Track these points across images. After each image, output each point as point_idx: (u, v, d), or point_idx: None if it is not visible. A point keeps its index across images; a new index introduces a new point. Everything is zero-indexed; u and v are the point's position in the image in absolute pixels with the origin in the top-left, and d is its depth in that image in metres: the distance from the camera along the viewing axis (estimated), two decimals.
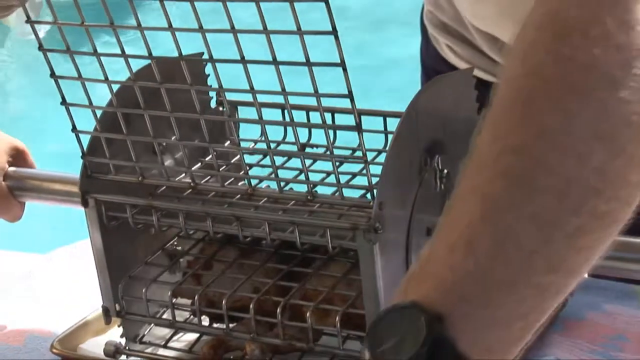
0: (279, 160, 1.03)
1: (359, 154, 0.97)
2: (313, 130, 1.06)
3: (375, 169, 0.94)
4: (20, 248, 1.41)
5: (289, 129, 1.06)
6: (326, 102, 0.92)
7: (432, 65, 1.41)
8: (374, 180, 0.95)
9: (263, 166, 1.08)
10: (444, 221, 0.73)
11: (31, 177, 1.23)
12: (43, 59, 0.98)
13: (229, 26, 0.88)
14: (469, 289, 0.69)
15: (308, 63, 0.86)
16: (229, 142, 1.12)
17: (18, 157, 1.24)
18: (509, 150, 0.71)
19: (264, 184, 1.05)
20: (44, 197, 1.23)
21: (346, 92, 0.87)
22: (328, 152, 0.98)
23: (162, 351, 1.10)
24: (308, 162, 0.99)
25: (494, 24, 1.24)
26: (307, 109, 1.07)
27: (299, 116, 1.01)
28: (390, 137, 0.98)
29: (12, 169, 1.23)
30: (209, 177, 1.07)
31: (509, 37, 0.73)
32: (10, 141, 1.25)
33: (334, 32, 0.84)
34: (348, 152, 1.03)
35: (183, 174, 1.05)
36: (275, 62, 0.87)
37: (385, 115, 1.08)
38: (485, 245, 0.70)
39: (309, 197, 0.95)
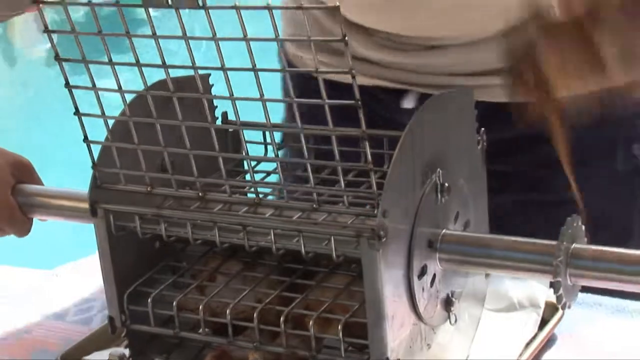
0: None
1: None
2: None
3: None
4: (28, 264, 1.40)
5: None
6: None
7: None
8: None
9: (268, 183, 1.06)
10: None
11: (39, 194, 1.21)
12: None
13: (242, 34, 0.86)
14: None
15: (317, 71, 0.85)
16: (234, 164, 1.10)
17: (24, 172, 1.21)
18: None
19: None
20: (52, 212, 1.21)
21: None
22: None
23: None
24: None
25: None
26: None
27: None
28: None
29: (20, 185, 1.20)
30: (215, 192, 1.04)
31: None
32: (15, 157, 1.22)
33: (344, 39, 0.82)
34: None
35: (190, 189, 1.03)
36: (284, 70, 0.86)
37: (386, 136, 1.06)
38: None
39: (314, 207, 0.93)
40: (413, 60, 1.27)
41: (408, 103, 1.30)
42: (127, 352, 1.06)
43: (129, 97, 0.98)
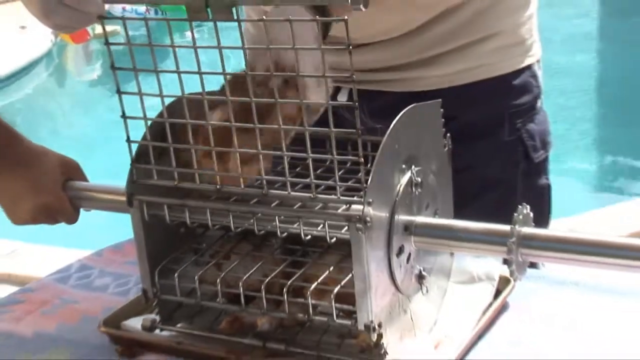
0: None
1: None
2: None
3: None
4: (77, 246, 1.38)
5: None
6: None
7: None
8: None
9: (274, 178, 1.04)
10: None
11: (85, 189, 1.19)
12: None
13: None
14: None
15: (324, 76, 0.83)
16: None
17: (72, 171, 1.20)
18: None
19: None
20: (95, 204, 1.19)
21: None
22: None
23: (188, 326, 1.05)
24: None
25: None
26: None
27: None
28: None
29: (69, 182, 1.19)
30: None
31: None
32: (64, 158, 1.21)
33: (349, 47, 0.81)
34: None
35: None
36: (297, 75, 0.84)
37: (367, 140, 1.04)
38: None
39: (311, 197, 0.91)
40: (343, 59, 1.25)
41: (342, 97, 1.29)
42: (157, 317, 1.05)
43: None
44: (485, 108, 1.28)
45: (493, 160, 1.29)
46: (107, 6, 0.99)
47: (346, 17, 0.81)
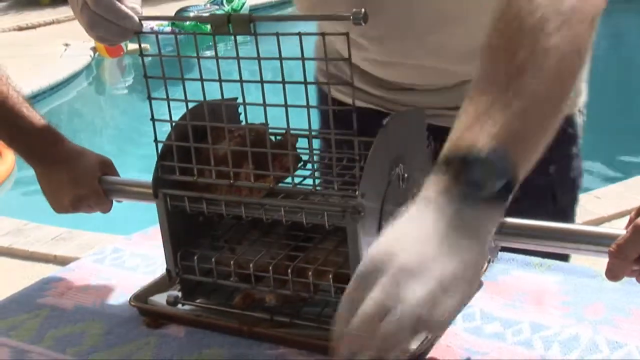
0: None
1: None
2: None
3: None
4: (111, 231, 1.36)
5: None
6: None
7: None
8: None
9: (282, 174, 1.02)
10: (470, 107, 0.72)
11: (117, 183, 1.18)
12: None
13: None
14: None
15: (327, 83, 0.81)
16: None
17: (106, 167, 1.18)
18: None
19: None
20: (126, 196, 1.17)
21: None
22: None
23: (206, 301, 1.04)
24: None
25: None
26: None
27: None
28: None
29: (104, 176, 1.18)
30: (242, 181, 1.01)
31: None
32: (100, 156, 1.19)
33: (349, 59, 0.79)
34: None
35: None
36: (305, 82, 0.82)
37: (361, 141, 1.02)
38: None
39: (312, 190, 0.90)
40: (394, 96, 1.22)
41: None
42: (179, 294, 1.04)
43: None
44: None
45: (521, 201, 1.22)
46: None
47: (347, 32, 0.79)
